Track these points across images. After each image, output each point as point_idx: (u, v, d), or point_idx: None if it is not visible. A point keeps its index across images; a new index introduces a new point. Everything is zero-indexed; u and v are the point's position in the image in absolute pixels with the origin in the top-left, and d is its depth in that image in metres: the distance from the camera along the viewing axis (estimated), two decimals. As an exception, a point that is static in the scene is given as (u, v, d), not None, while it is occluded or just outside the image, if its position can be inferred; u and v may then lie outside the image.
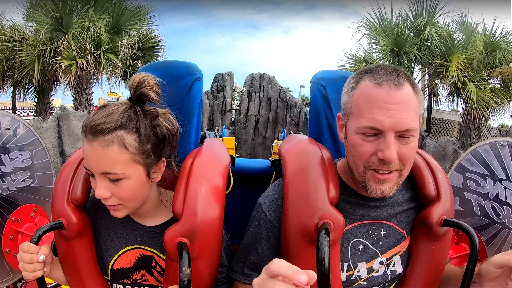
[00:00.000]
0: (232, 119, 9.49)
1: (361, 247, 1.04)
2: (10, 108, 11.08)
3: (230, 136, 1.70)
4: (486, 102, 8.52)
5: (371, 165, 0.93)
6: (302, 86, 16.18)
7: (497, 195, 1.41)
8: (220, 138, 1.57)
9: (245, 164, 1.67)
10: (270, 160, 1.60)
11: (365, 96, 0.92)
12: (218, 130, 1.80)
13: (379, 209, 1.06)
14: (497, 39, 9.04)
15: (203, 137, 1.45)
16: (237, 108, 9.43)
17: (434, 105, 9.95)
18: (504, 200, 1.40)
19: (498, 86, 8.98)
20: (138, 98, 1.00)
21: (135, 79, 0.99)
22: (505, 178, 1.40)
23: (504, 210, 1.40)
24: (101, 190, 0.95)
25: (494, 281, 0.93)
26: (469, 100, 8.49)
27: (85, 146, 0.95)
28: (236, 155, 1.59)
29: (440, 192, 1.07)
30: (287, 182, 1.03)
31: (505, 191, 1.40)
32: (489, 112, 8.91)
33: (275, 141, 1.60)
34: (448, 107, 10.11)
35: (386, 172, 0.93)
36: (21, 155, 1.60)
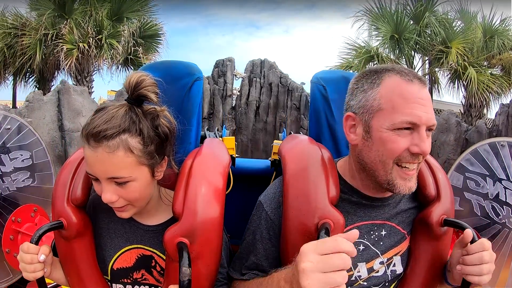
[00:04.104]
0: (233, 105, 9.48)
1: (361, 247, 1.04)
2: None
3: (230, 136, 1.69)
4: (486, 85, 8.55)
5: (401, 160, 0.93)
6: (303, 83, 16.20)
7: (497, 195, 1.41)
8: (220, 138, 1.57)
9: (245, 164, 1.67)
10: (270, 160, 1.60)
11: (399, 92, 0.92)
12: (218, 130, 1.80)
13: (381, 209, 1.06)
14: (495, 25, 9.14)
15: (203, 137, 1.45)
16: (238, 93, 9.43)
17: (434, 96, 9.96)
18: (504, 200, 1.40)
19: (499, 73, 9.03)
20: (137, 99, 0.98)
21: (131, 79, 0.97)
22: (505, 178, 1.40)
23: (504, 210, 1.40)
24: (109, 195, 0.95)
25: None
26: (470, 84, 8.51)
27: (88, 152, 0.93)
28: (236, 155, 1.59)
29: (440, 192, 1.07)
30: (287, 182, 1.03)
31: (505, 191, 1.40)
32: (490, 96, 8.91)
33: (275, 141, 1.60)
34: (449, 94, 10.17)
35: (413, 168, 0.95)
36: (21, 155, 1.59)
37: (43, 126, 7.21)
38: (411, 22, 9.37)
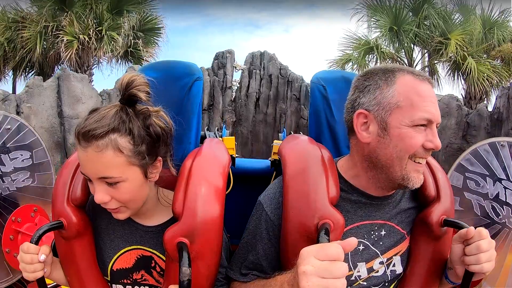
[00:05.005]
0: (233, 97, 9.48)
1: (361, 247, 1.04)
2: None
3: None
4: (486, 75, 8.57)
5: (415, 155, 0.96)
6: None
7: (497, 195, 1.41)
8: (220, 138, 1.57)
9: (245, 164, 1.67)
10: (270, 160, 1.60)
11: (415, 90, 0.96)
12: (218, 130, 1.80)
13: (381, 209, 1.06)
14: (494, 17, 9.24)
15: (203, 137, 1.45)
16: (238, 85, 9.45)
17: (434, 89, 9.98)
18: (504, 200, 1.40)
19: (498, 65, 9.07)
20: (128, 99, 0.98)
21: (123, 79, 0.98)
22: (505, 178, 1.40)
23: (504, 210, 1.40)
24: (100, 195, 0.95)
25: (460, 260, 0.99)
26: (469, 74, 8.53)
27: (80, 152, 0.94)
28: (236, 155, 1.59)
29: (440, 192, 1.07)
30: (287, 182, 1.03)
31: (505, 191, 1.40)
32: (490, 87, 8.92)
33: (275, 141, 1.60)
34: (449, 86, 10.27)
35: (423, 162, 0.99)
36: (21, 155, 1.59)
37: (42, 112, 7.21)
38: (410, 14, 9.42)
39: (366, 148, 1.00)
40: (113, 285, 1.11)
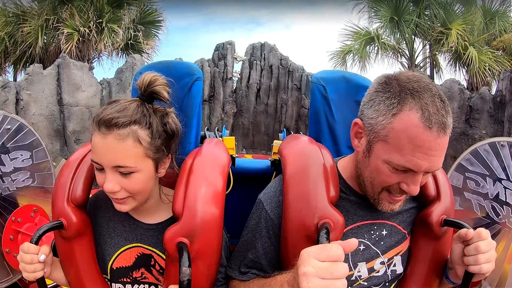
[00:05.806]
0: (234, 88, 9.48)
1: (362, 247, 1.04)
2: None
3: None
4: (488, 65, 8.54)
5: (390, 190, 0.95)
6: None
7: (497, 195, 1.41)
8: (220, 138, 1.57)
9: (245, 164, 1.67)
10: (270, 160, 1.60)
11: (410, 136, 0.85)
12: (218, 130, 1.80)
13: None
14: (495, 6, 9.27)
15: (203, 137, 1.46)
16: (239, 76, 9.44)
17: (436, 80, 9.91)
18: (504, 200, 1.40)
19: (500, 55, 9.06)
20: (149, 96, 1.02)
21: (145, 78, 1.02)
22: (505, 178, 1.40)
23: (504, 210, 1.40)
24: (111, 184, 0.96)
25: (460, 260, 0.98)
26: (471, 64, 8.49)
27: (97, 139, 0.96)
28: (236, 155, 1.59)
29: (440, 192, 1.07)
30: (287, 182, 1.03)
31: (505, 191, 1.40)
32: (492, 76, 8.88)
33: (275, 141, 1.60)
34: (451, 76, 10.21)
35: (401, 197, 0.97)
36: (21, 155, 1.59)
37: (42, 99, 7.19)
38: (411, 4, 9.42)
39: (357, 156, 1.01)
40: (113, 284, 1.11)
